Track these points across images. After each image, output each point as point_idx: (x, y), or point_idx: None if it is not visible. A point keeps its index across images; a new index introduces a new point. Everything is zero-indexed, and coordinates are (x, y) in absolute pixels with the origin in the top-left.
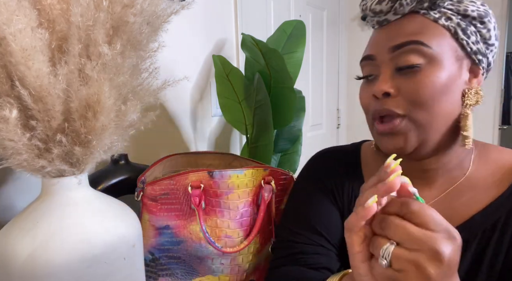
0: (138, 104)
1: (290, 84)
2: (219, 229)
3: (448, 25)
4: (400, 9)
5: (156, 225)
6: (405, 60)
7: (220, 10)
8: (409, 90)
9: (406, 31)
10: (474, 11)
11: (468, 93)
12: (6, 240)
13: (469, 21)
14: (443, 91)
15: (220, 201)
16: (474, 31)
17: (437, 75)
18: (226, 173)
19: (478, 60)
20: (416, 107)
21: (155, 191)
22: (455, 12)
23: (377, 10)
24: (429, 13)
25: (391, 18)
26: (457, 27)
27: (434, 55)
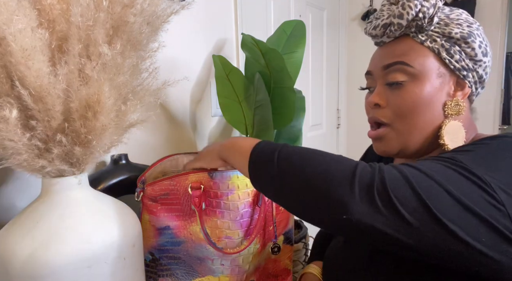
0: (138, 104)
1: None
2: (220, 230)
3: (432, 46)
4: (391, 34)
5: (157, 225)
6: (392, 77)
7: (220, 10)
8: (394, 103)
9: (395, 52)
10: (458, 33)
11: (448, 104)
12: (6, 240)
13: (454, 42)
14: (423, 103)
15: (220, 202)
16: (458, 50)
17: (417, 91)
18: (226, 174)
19: (463, 76)
20: (398, 117)
21: (155, 191)
22: (440, 34)
23: (373, 34)
24: (417, 36)
25: (386, 40)
26: (441, 48)
27: (416, 73)
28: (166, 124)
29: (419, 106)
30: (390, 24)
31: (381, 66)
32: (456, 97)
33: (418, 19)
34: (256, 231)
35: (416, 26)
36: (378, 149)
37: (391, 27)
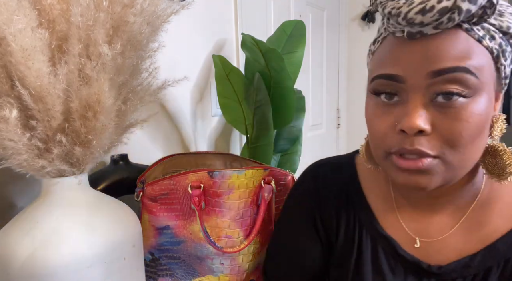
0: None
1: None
2: (219, 229)
3: (492, 46)
4: (447, 24)
5: (156, 225)
6: (447, 90)
7: (220, 10)
8: (449, 129)
9: (453, 53)
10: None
11: (495, 123)
12: (6, 240)
13: (508, 39)
14: (482, 128)
15: (220, 201)
16: (510, 51)
17: (479, 111)
18: (226, 173)
19: (505, 84)
20: (452, 148)
21: (155, 191)
22: (497, 29)
23: (416, 21)
24: (473, 29)
25: (429, 31)
26: (499, 49)
27: (478, 85)
28: (166, 124)
29: (478, 131)
30: (453, 9)
31: (427, 72)
32: (497, 114)
33: (488, 4)
34: (255, 230)
35: (479, 15)
36: (414, 183)
37: (454, 14)
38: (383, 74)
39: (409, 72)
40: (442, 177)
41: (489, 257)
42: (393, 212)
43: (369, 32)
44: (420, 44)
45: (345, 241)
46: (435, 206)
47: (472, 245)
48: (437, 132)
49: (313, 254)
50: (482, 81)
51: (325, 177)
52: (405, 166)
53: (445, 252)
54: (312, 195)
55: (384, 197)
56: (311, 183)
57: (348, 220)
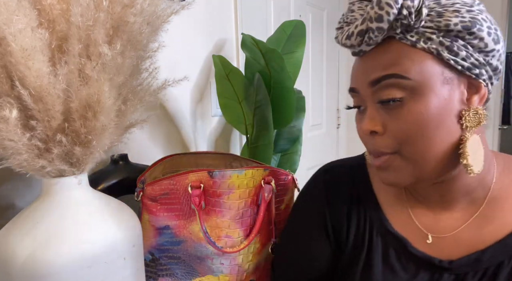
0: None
1: (290, 84)
2: (219, 229)
3: (428, 47)
4: (371, 41)
5: (156, 225)
6: (385, 95)
7: (220, 10)
8: (394, 128)
9: (382, 63)
10: (458, 24)
11: (465, 115)
12: (6, 240)
13: (455, 35)
14: (432, 121)
15: (220, 201)
16: (462, 44)
17: (420, 108)
18: (226, 173)
19: (475, 75)
20: (404, 144)
21: (155, 191)
22: (435, 29)
23: (348, 45)
24: (406, 37)
25: (366, 49)
26: (440, 47)
27: (415, 86)
28: (166, 124)
29: (427, 127)
30: (367, 30)
31: (367, 83)
32: (473, 104)
33: (402, 17)
34: (255, 230)
35: (402, 26)
36: (386, 180)
37: (369, 33)
38: (349, 89)
39: (358, 84)
40: (408, 172)
41: (500, 251)
42: (405, 210)
43: None
44: (362, 60)
45: (355, 242)
46: (447, 203)
47: (483, 240)
48: (389, 132)
49: (323, 257)
50: (419, 80)
51: (335, 180)
52: (375, 164)
53: (456, 247)
54: (323, 199)
55: (396, 196)
56: (321, 187)
57: (358, 221)
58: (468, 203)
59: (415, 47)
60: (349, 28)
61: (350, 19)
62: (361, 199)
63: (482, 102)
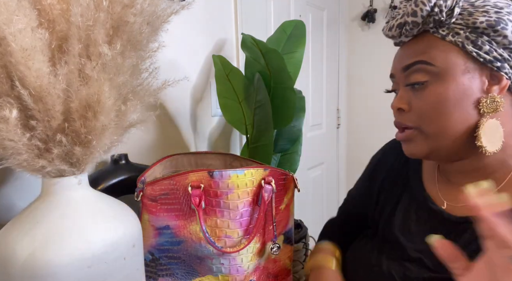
0: (138, 104)
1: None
2: (219, 229)
3: (455, 40)
4: (408, 33)
5: (156, 225)
6: (413, 78)
7: (220, 10)
8: (417, 106)
9: (414, 51)
10: (483, 22)
11: (483, 101)
12: (6, 240)
13: (480, 32)
14: (449, 104)
15: (220, 201)
16: (487, 40)
17: (441, 91)
18: (226, 173)
19: (497, 68)
20: (424, 120)
21: (155, 191)
22: (463, 26)
23: (390, 36)
24: (438, 31)
25: (405, 39)
26: (465, 41)
27: (439, 72)
28: (166, 124)
29: (444, 107)
30: (404, 23)
31: (401, 68)
32: (492, 93)
33: (434, 14)
34: (255, 230)
35: (434, 22)
36: (406, 151)
37: (406, 26)
38: (390, 74)
39: (395, 70)
40: (426, 145)
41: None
42: (434, 185)
43: (369, 32)
44: (401, 50)
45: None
46: (467, 181)
47: None
48: (413, 110)
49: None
50: (443, 68)
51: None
52: (398, 137)
53: (466, 212)
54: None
55: (431, 174)
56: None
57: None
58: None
59: (444, 39)
60: (392, 22)
61: (395, 15)
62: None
63: (502, 92)
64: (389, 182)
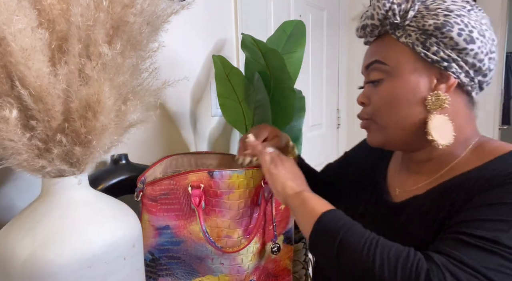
0: (138, 104)
1: (290, 84)
2: (219, 229)
3: (406, 41)
4: (370, 34)
5: (156, 225)
6: (371, 76)
7: (220, 10)
8: (374, 101)
9: (373, 51)
10: (431, 25)
11: (428, 99)
12: (6, 240)
13: (429, 34)
14: (397, 100)
15: (220, 201)
16: (435, 42)
17: (390, 87)
18: (226, 173)
19: (444, 67)
20: (376, 113)
21: (155, 191)
22: (416, 28)
23: (358, 36)
24: (394, 32)
25: (370, 39)
26: (416, 42)
27: (391, 70)
28: (166, 124)
29: (393, 102)
30: (366, 25)
31: (364, 66)
32: (437, 91)
33: (389, 17)
34: (255, 230)
35: (390, 24)
36: (367, 139)
37: (367, 28)
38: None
39: (362, 68)
40: (381, 135)
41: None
42: (396, 171)
43: None
44: (367, 49)
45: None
46: (419, 169)
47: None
48: (371, 104)
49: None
50: (395, 67)
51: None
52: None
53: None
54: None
55: (397, 161)
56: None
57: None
58: (435, 169)
59: (399, 40)
60: (359, 24)
61: (363, 17)
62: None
63: (449, 90)
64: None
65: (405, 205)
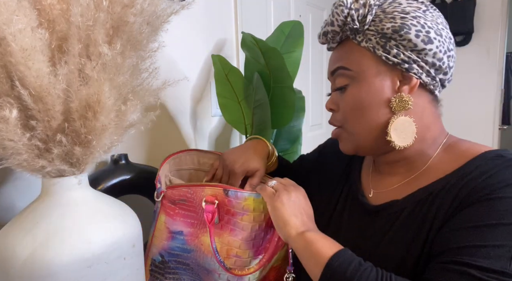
0: (138, 104)
1: (289, 84)
2: (230, 247)
3: (367, 46)
4: (332, 40)
5: (171, 228)
6: (337, 82)
7: (220, 10)
8: (342, 107)
9: (336, 57)
10: (389, 28)
11: (392, 101)
12: (6, 240)
13: (388, 37)
14: (364, 104)
15: (233, 220)
16: (394, 44)
17: (356, 92)
18: (242, 195)
19: (405, 69)
20: (346, 120)
21: (174, 195)
22: (375, 32)
23: (320, 42)
24: (355, 37)
25: (333, 45)
26: (376, 46)
27: (355, 75)
28: (166, 124)
29: (360, 107)
30: (327, 32)
31: (329, 72)
32: (400, 93)
33: (348, 23)
34: (267, 255)
35: (350, 30)
36: (340, 148)
37: (328, 35)
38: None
39: (328, 74)
40: (351, 142)
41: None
42: (369, 173)
43: None
44: (331, 55)
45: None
46: (391, 170)
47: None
48: (340, 110)
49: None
50: (358, 72)
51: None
52: (332, 135)
53: (384, 199)
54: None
55: (369, 163)
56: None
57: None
58: (407, 170)
59: (360, 45)
60: (320, 31)
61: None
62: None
63: (412, 91)
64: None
65: (382, 209)
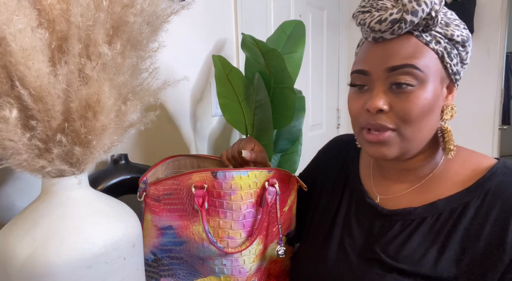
0: (138, 104)
1: (290, 84)
2: (222, 229)
3: (437, 48)
4: (398, 31)
5: (159, 225)
6: (402, 79)
7: (220, 10)
8: (401, 108)
9: (402, 53)
10: (459, 36)
11: (445, 109)
12: (6, 240)
13: (453, 44)
14: (429, 110)
15: (223, 201)
16: (456, 54)
17: (425, 96)
18: (229, 174)
19: (455, 80)
20: (405, 123)
21: (159, 191)
22: (443, 36)
23: (376, 29)
24: (422, 35)
25: (387, 36)
26: (444, 51)
27: (424, 77)
28: (166, 124)
29: (425, 111)
30: (400, 20)
31: (385, 68)
32: (448, 102)
33: (429, 17)
34: (258, 231)
35: (424, 25)
36: (377, 153)
37: (402, 23)
38: (356, 70)
39: (373, 67)
40: (399, 148)
41: (428, 211)
42: (369, 178)
43: None
44: (381, 47)
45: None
46: (399, 177)
47: (417, 202)
48: (393, 111)
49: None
50: (427, 74)
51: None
52: (370, 139)
53: (396, 204)
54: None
55: (367, 167)
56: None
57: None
58: (415, 177)
59: (428, 46)
60: (382, 14)
61: (381, 6)
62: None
63: (452, 101)
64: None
65: (396, 214)
